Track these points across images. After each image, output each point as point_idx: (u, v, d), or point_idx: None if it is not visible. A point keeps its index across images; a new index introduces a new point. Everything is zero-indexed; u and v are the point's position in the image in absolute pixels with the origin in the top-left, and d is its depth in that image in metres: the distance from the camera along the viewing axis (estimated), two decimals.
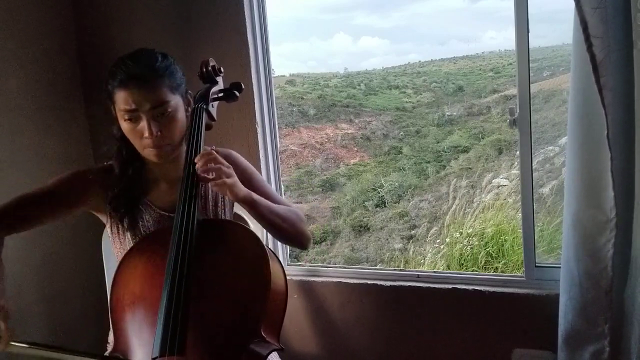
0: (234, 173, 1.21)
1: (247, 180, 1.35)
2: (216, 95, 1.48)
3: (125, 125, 1.24)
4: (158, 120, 1.22)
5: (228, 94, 1.50)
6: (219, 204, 1.40)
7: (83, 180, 1.35)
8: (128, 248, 1.29)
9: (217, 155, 1.21)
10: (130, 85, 1.19)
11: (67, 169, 1.37)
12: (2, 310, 1.06)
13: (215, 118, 1.45)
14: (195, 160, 1.20)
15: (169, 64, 1.26)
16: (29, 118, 1.92)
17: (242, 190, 1.22)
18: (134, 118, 1.22)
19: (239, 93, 1.52)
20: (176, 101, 1.25)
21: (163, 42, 1.95)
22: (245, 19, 1.88)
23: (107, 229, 1.40)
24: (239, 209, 1.47)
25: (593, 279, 1.41)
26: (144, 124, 1.21)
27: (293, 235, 1.36)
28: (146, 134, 1.21)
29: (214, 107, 1.45)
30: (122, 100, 1.20)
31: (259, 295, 1.14)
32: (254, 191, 1.27)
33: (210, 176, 1.17)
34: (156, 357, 1.05)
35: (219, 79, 1.50)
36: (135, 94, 1.19)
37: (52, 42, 2.02)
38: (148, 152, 1.26)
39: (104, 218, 1.39)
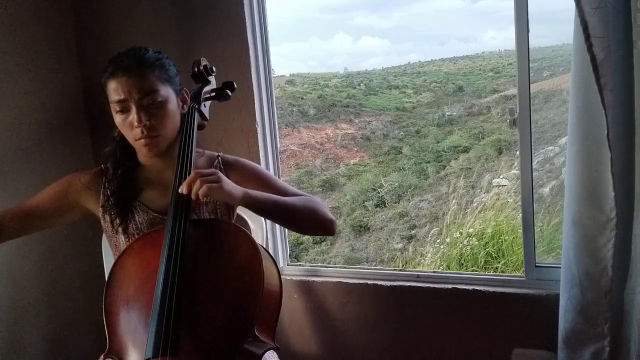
0: (219, 176, 1.15)
1: (252, 180, 1.34)
2: (208, 95, 1.46)
3: (117, 119, 1.24)
4: (147, 109, 1.21)
5: (220, 93, 1.49)
6: (218, 206, 1.38)
7: (75, 187, 1.36)
8: (122, 249, 1.28)
9: (198, 172, 1.14)
10: (119, 74, 1.20)
11: (67, 168, 1.37)
12: None
13: (208, 118, 1.44)
14: (181, 191, 1.14)
15: (160, 57, 1.26)
16: (30, 118, 1.92)
17: (236, 190, 1.17)
18: (124, 109, 1.22)
19: (232, 92, 1.50)
20: (167, 92, 1.25)
21: (163, 43, 1.95)
22: (245, 19, 1.88)
23: (104, 232, 1.40)
24: (240, 209, 1.47)
25: (593, 279, 1.41)
26: (134, 114, 1.21)
27: (312, 223, 1.31)
28: (135, 123, 1.21)
29: (206, 107, 1.44)
30: (112, 91, 1.21)
31: (251, 295, 1.13)
32: (264, 190, 1.26)
33: (200, 193, 1.11)
34: (149, 359, 1.04)
35: (212, 79, 1.49)
36: (124, 83, 1.19)
37: (52, 43, 2.02)
38: (139, 145, 1.25)
39: (100, 221, 1.39)
